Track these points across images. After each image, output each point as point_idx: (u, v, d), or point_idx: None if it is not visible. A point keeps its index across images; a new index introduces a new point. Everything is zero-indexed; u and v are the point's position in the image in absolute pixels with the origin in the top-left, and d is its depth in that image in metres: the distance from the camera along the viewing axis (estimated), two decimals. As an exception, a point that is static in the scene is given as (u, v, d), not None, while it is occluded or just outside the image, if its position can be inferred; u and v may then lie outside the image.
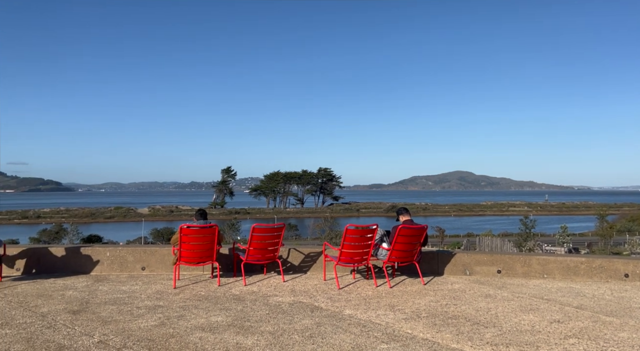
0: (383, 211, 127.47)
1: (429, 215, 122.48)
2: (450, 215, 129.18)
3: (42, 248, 7.89)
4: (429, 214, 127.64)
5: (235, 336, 4.40)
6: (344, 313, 5.30)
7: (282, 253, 7.79)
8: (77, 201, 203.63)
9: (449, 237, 65.44)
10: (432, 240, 54.13)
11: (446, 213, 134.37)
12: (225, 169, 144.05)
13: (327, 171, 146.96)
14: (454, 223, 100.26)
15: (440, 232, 61.08)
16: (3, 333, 4.45)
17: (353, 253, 6.72)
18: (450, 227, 79.43)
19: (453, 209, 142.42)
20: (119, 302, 5.71)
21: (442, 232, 61.64)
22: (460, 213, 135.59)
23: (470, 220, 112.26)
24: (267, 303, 5.70)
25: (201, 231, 6.74)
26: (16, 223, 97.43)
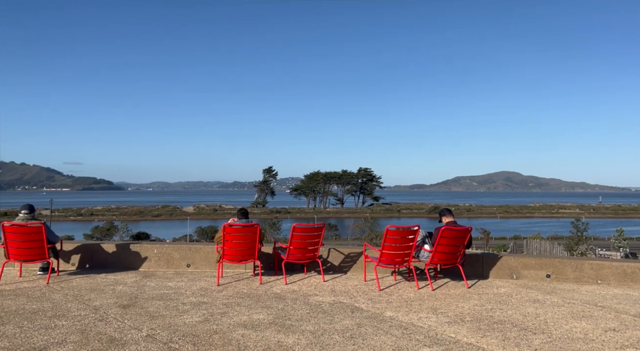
0: (425, 212, 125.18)
1: (473, 217, 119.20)
2: (495, 217, 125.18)
3: (95, 244, 8.29)
4: (473, 216, 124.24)
5: (277, 335, 4.45)
6: (385, 314, 5.24)
7: (322, 253, 7.81)
8: (127, 199, 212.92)
9: (494, 239, 63.42)
10: (476, 243, 52.63)
11: (491, 215, 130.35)
12: (267, 169, 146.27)
13: (367, 171, 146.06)
14: (500, 225, 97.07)
15: (485, 234, 59.31)
16: (60, 324, 4.72)
17: (394, 254, 6.63)
18: (495, 229, 76.96)
19: (499, 211, 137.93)
20: (166, 298, 5.91)
21: (487, 234, 59.82)
22: (506, 215, 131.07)
23: (517, 222, 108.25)
24: (307, 303, 5.73)
25: (243, 230, 6.87)
26: (71, 220, 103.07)
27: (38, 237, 6.72)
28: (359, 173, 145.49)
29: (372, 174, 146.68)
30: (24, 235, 6.69)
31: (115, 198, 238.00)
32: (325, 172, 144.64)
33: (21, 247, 6.70)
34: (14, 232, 6.65)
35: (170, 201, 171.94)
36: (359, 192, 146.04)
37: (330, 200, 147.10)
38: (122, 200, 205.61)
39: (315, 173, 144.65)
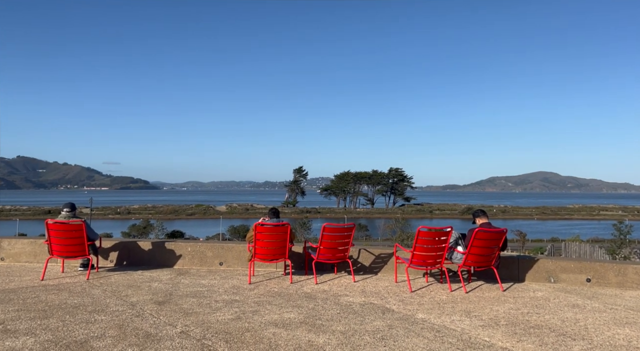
0: (458, 213, 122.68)
1: (508, 218, 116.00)
2: (532, 219, 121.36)
3: (132, 242, 8.56)
4: (508, 217, 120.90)
5: (307, 334, 4.46)
6: (417, 316, 5.17)
7: (353, 253, 7.78)
8: (162, 199, 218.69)
9: (530, 241, 61.51)
10: (511, 245, 51.18)
11: (528, 217, 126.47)
12: (297, 169, 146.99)
13: (398, 171, 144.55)
14: (537, 227, 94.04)
15: (521, 236, 57.59)
16: (99, 319, 4.89)
17: (426, 255, 6.54)
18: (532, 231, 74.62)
19: (536, 212, 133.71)
20: (199, 295, 6.04)
21: (523, 236, 58.07)
22: (543, 217, 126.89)
23: (554, 224, 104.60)
24: (338, 303, 5.72)
25: (274, 229, 6.93)
26: (110, 218, 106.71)
27: (79, 235, 6.99)
28: (389, 174, 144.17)
29: (403, 174, 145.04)
30: (66, 233, 6.97)
31: (151, 197, 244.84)
32: (356, 172, 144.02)
33: (63, 243, 6.99)
34: (57, 229, 6.95)
35: (204, 200, 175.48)
36: (390, 192, 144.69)
37: (361, 200, 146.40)
38: (158, 199, 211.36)
39: (346, 173, 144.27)
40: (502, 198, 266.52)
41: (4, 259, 8.39)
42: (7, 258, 8.40)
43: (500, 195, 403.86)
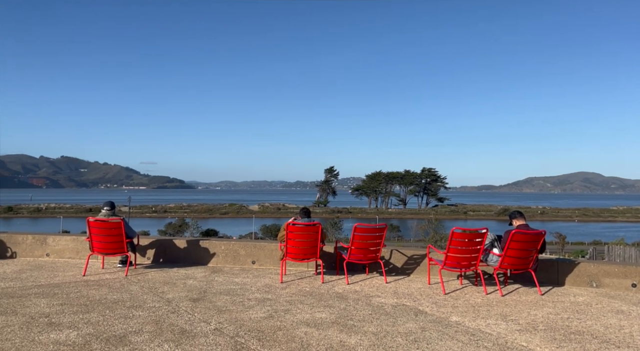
0: (494, 214, 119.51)
1: (547, 220, 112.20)
2: (572, 221, 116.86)
3: (168, 240, 8.79)
4: (547, 219, 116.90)
5: (339, 334, 4.45)
6: (451, 319, 5.07)
7: (384, 254, 7.71)
8: (197, 198, 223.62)
9: (570, 244, 59.28)
10: (550, 247, 49.45)
11: (568, 218, 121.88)
12: (328, 169, 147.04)
13: (431, 171, 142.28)
14: (577, 229, 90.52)
15: (560, 238, 55.59)
16: (137, 314, 5.05)
17: (460, 257, 6.40)
18: (572, 234, 71.85)
19: (576, 214, 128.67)
20: (232, 293, 6.13)
21: (563, 239, 56.03)
22: (585, 219, 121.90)
23: (597, 227, 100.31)
24: (369, 304, 5.68)
25: (305, 229, 6.95)
26: (147, 217, 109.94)
27: (118, 232, 7.23)
28: (422, 174, 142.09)
29: (436, 174, 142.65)
30: (106, 230, 7.23)
31: (187, 197, 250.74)
32: (387, 172, 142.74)
33: (103, 241, 7.25)
34: (97, 227, 7.22)
35: (237, 199, 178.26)
36: (423, 192, 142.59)
37: (393, 200, 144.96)
38: (193, 198, 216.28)
39: (377, 173, 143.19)
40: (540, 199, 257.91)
41: (49, 255, 8.79)
42: (51, 254, 8.79)
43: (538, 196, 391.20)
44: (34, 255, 8.82)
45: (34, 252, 8.84)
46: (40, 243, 8.86)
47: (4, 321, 4.67)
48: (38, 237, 8.96)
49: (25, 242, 8.90)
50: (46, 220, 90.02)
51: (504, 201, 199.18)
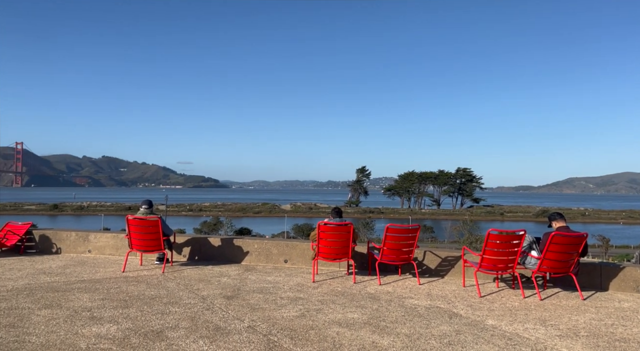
0: (532, 216, 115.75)
1: (589, 222, 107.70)
2: (617, 223, 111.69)
3: (203, 238, 8.97)
4: (589, 221, 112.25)
5: (371, 335, 4.42)
6: (487, 323, 4.94)
7: (417, 255, 7.60)
8: (231, 197, 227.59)
9: (614, 247, 56.72)
10: (593, 250, 47.45)
11: (612, 221, 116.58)
12: (360, 169, 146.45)
13: (466, 171, 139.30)
14: (623, 232, 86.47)
15: (603, 241, 53.27)
16: (173, 310, 5.18)
17: (496, 259, 6.23)
18: (616, 237, 68.72)
19: (621, 216, 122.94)
20: (265, 291, 6.20)
21: (607, 242, 53.66)
22: (630, 221, 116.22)
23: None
24: (402, 305, 5.61)
25: (337, 228, 6.94)
26: (183, 215, 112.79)
27: (155, 230, 7.44)
28: (457, 174, 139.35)
29: (471, 174, 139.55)
30: (144, 228, 7.46)
31: (221, 196, 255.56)
32: (421, 171, 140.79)
33: (141, 238, 7.48)
34: (136, 225, 7.45)
35: (270, 199, 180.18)
36: (457, 193, 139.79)
37: (426, 201, 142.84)
38: (227, 197, 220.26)
39: (410, 173, 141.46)
40: (582, 201, 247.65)
41: (90, 251, 9.15)
42: (93, 250, 9.15)
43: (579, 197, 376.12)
44: (77, 251, 9.20)
45: (77, 248, 9.22)
46: (82, 239, 9.24)
47: (50, 314, 4.89)
48: (81, 233, 9.34)
49: (69, 239, 9.29)
50: (88, 218, 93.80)
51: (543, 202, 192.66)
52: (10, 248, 9.05)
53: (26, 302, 5.34)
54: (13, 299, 5.47)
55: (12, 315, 4.80)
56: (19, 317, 4.74)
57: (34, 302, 5.35)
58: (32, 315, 4.82)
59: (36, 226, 10.47)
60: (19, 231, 9.19)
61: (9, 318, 4.70)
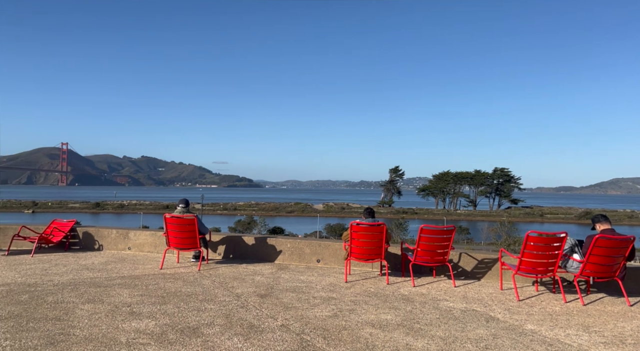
0: (574, 217, 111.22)
1: (636, 225, 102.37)
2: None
3: (237, 236, 9.12)
4: (636, 223, 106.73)
5: (405, 337, 4.37)
6: (525, 327, 4.78)
7: (453, 257, 7.45)
8: (265, 196, 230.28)
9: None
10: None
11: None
12: (393, 168, 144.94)
13: (504, 171, 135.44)
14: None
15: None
16: (209, 307, 5.28)
17: (536, 262, 6.02)
18: (666, 240, 64.87)
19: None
20: (298, 290, 6.23)
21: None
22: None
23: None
24: (437, 307, 5.51)
25: (370, 229, 6.90)
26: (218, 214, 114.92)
27: (191, 228, 7.62)
28: (494, 174, 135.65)
29: (509, 174, 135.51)
30: (181, 226, 7.65)
31: (255, 195, 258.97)
32: (456, 171, 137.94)
33: (178, 236, 7.67)
34: (173, 223, 7.65)
35: (302, 198, 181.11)
36: (494, 193, 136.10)
37: (462, 201, 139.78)
38: (261, 196, 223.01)
39: (445, 173, 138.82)
40: (628, 202, 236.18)
41: (130, 248, 9.47)
42: (133, 247, 9.46)
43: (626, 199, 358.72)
44: (118, 248, 9.54)
45: (117, 245, 9.56)
46: (123, 237, 9.57)
47: (92, 308, 5.09)
48: (121, 231, 9.68)
49: (110, 236, 9.65)
50: (128, 216, 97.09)
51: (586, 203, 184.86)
52: (56, 244, 9.49)
53: (71, 297, 5.58)
54: (59, 293, 5.73)
55: (58, 309, 5.02)
56: (64, 311, 4.96)
57: (78, 297, 5.58)
58: (76, 309, 5.03)
59: (80, 223, 10.93)
60: (64, 228, 9.62)
61: (55, 311, 4.93)
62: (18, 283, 6.26)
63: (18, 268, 7.30)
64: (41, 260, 8.17)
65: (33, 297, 5.49)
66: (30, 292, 5.74)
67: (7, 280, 6.45)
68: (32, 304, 5.18)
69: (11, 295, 5.59)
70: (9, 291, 5.78)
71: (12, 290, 5.85)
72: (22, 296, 5.54)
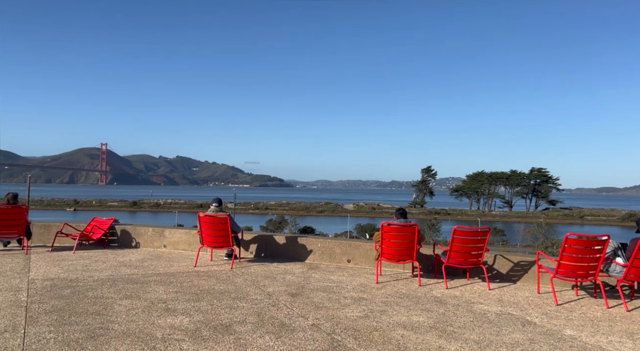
0: (617, 219, 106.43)
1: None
2: None
3: (269, 235, 9.21)
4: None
5: (438, 340, 4.29)
6: (564, 333, 4.61)
7: (487, 259, 7.27)
8: (295, 196, 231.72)
9: None
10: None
11: None
12: (425, 168, 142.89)
13: (541, 171, 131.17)
14: None
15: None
16: (241, 305, 5.36)
17: (575, 266, 5.80)
18: None
19: None
20: (328, 290, 6.23)
21: None
22: None
23: None
24: (470, 310, 5.39)
25: (401, 229, 6.82)
26: (250, 213, 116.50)
27: (224, 227, 7.75)
28: (531, 174, 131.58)
29: (547, 175, 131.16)
30: (214, 225, 7.79)
31: (286, 195, 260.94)
32: (491, 171, 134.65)
33: (212, 235, 7.82)
34: (206, 222, 7.80)
35: (333, 198, 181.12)
36: (531, 194, 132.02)
37: (497, 202, 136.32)
38: (291, 196, 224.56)
39: (479, 173, 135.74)
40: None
41: (165, 246, 9.72)
42: (168, 245, 9.71)
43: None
44: (154, 246, 9.81)
45: (153, 242, 9.84)
46: (158, 235, 9.84)
47: (130, 304, 5.26)
48: (157, 229, 9.95)
49: (146, 234, 9.94)
50: (164, 214, 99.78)
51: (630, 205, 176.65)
52: (96, 241, 9.85)
53: (109, 292, 5.78)
54: (99, 289, 5.95)
55: (97, 304, 5.21)
56: (104, 306, 5.14)
57: (116, 292, 5.78)
58: (114, 305, 5.20)
59: (118, 221, 11.31)
60: (103, 226, 9.97)
61: (95, 306, 5.12)
62: (61, 278, 6.54)
63: (61, 264, 7.62)
64: (82, 256, 8.51)
65: (75, 292, 5.72)
66: (72, 287, 5.98)
67: (51, 275, 6.75)
68: (73, 299, 5.40)
69: (55, 289, 5.85)
70: (53, 285, 6.05)
71: (55, 284, 6.12)
72: (65, 290, 5.78)
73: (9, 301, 5.20)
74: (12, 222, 8.64)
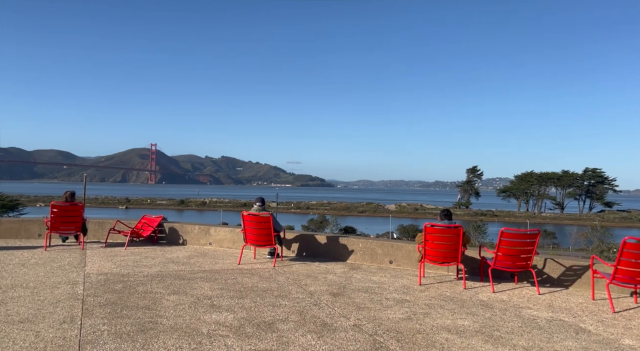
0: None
1: None
2: None
3: (310, 235, 9.26)
4: None
5: (484, 345, 4.16)
6: (622, 342, 4.35)
7: (537, 263, 6.98)
8: (337, 196, 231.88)
9: None
10: None
11: None
12: (471, 169, 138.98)
13: (595, 172, 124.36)
14: None
15: None
16: (283, 303, 5.42)
17: (635, 272, 5.46)
18: None
19: None
20: (370, 291, 6.18)
21: None
22: None
23: None
24: (519, 315, 5.19)
25: (446, 231, 6.67)
26: (292, 212, 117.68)
27: (267, 226, 7.86)
28: (584, 175, 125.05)
29: (602, 175, 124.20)
30: (257, 223, 7.92)
31: (327, 194, 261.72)
32: (541, 172, 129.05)
33: (255, 233, 7.96)
34: (250, 221, 7.95)
35: (374, 198, 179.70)
36: (585, 195, 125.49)
37: (547, 204, 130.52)
38: (333, 196, 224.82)
39: (528, 173, 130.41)
40: None
41: (211, 244, 9.99)
42: (213, 243, 9.97)
43: None
44: (200, 243, 10.10)
45: (199, 240, 10.13)
46: (204, 233, 10.12)
47: (177, 299, 5.44)
48: (203, 227, 10.25)
49: (193, 231, 10.25)
50: (209, 213, 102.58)
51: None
52: (146, 238, 10.27)
53: (158, 287, 6.00)
54: (148, 284, 6.19)
55: (147, 298, 5.43)
56: (153, 301, 5.35)
57: (165, 288, 6.00)
58: (163, 300, 5.40)
59: (166, 219, 11.74)
60: (152, 223, 10.38)
61: (145, 300, 5.34)
62: (114, 273, 6.87)
63: (114, 260, 8.00)
64: (133, 252, 8.89)
65: (126, 287, 5.99)
66: (124, 282, 6.26)
67: (104, 270, 7.10)
68: (125, 293, 5.65)
69: (108, 283, 6.14)
70: (106, 280, 6.36)
71: (108, 279, 6.43)
72: (117, 285, 6.07)
73: (68, 294, 5.51)
74: (70, 219, 9.15)
